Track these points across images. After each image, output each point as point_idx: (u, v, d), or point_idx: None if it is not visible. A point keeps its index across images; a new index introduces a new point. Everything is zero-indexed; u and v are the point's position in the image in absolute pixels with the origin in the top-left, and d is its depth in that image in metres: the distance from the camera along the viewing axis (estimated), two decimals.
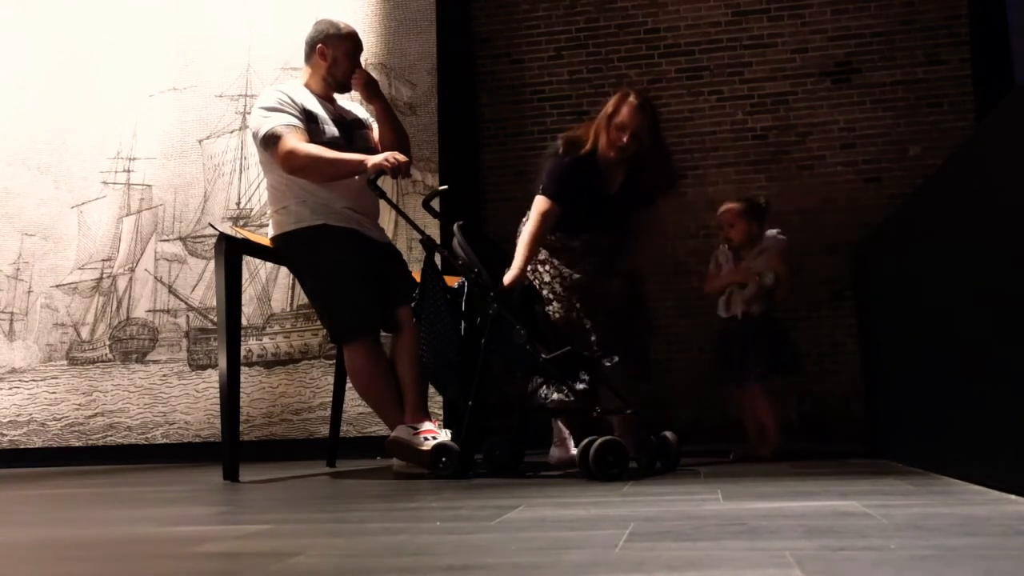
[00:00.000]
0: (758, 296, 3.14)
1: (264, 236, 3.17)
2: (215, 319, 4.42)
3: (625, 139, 2.96)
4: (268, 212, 3.13)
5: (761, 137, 4.80)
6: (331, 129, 3.01)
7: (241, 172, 4.85)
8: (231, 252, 2.96)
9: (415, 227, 2.93)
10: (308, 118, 2.97)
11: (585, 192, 3.05)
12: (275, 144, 2.88)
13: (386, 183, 3.01)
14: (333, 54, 3.08)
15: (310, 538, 1.46)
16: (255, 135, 2.97)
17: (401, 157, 2.85)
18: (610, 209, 3.15)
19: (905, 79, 4.69)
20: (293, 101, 2.97)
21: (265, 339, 4.64)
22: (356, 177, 2.94)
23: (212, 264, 4.53)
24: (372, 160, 2.85)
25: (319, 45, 3.08)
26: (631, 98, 2.99)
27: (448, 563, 1.13)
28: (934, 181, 2.25)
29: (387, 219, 3.72)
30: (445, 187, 3.17)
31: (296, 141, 2.87)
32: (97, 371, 4.83)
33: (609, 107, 3.01)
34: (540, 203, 3.04)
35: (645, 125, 2.98)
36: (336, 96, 3.18)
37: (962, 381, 1.96)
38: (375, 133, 3.19)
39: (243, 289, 3.36)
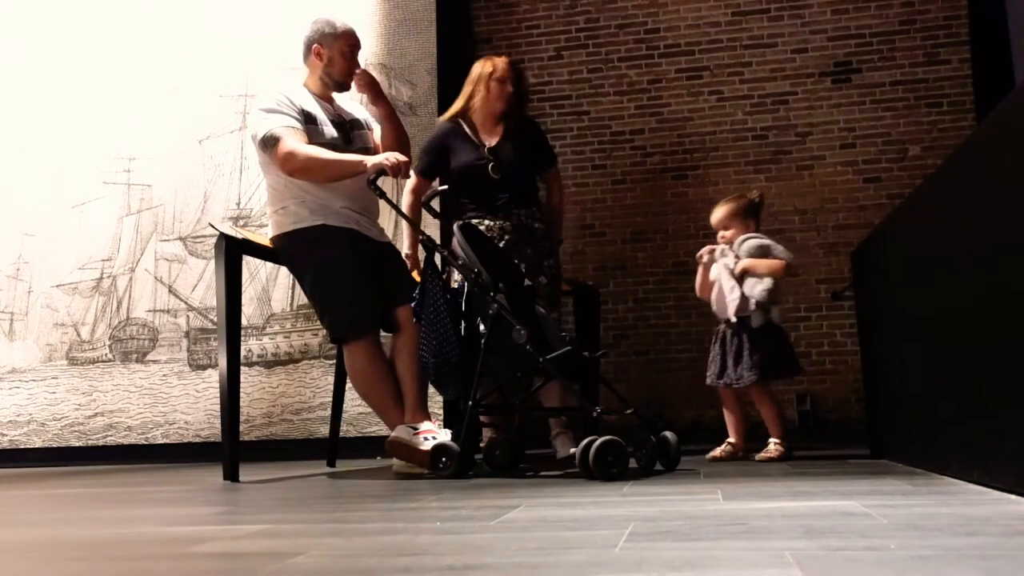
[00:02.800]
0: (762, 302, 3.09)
1: (264, 236, 3.17)
2: (215, 319, 4.42)
3: (509, 87, 3.29)
4: (268, 212, 3.13)
5: (761, 137, 4.80)
6: (330, 130, 3.02)
7: (241, 172, 4.85)
8: (231, 252, 2.96)
9: (415, 227, 2.93)
10: (307, 119, 2.97)
11: (461, 154, 3.27)
12: (274, 146, 2.88)
13: (386, 183, 3.01)
14: (329, 54, 3.08)
15: (310, 538, 1.46)
16: (254, 137, 2.97)
17: (401, 157, 2.85)
18: (497, 178, 3.27)
19: (905, 79, 4.69)
20: (292, 103, 2.97)
21: (265, 339, 4.64)
22: (355, 177, 2.94)
23: (212, 264, 4.53)
24: (371, 160, 2.85)
25: (315, 45, 3.08)
26: (498, 58, 3.39)
27: (448, 563, 1.13)
28: (934, 181, 2.25)
29: (387, 219, 3.72)
30: (445, 187, 3.17)
31: (295, 142, 2.87)
32: (97, 371, 4.83)
33: (486, 67, 3.33)
34: (409, 181, 3.35)
35: (518, 77, 3.36)
36: (335, 96, 3.18)
37: (962, 381, 1.96)
38: (375, 134, 3.19)
39: (243, 289, 3.36)
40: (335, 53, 3.08)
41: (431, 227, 3.63)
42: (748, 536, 1.26)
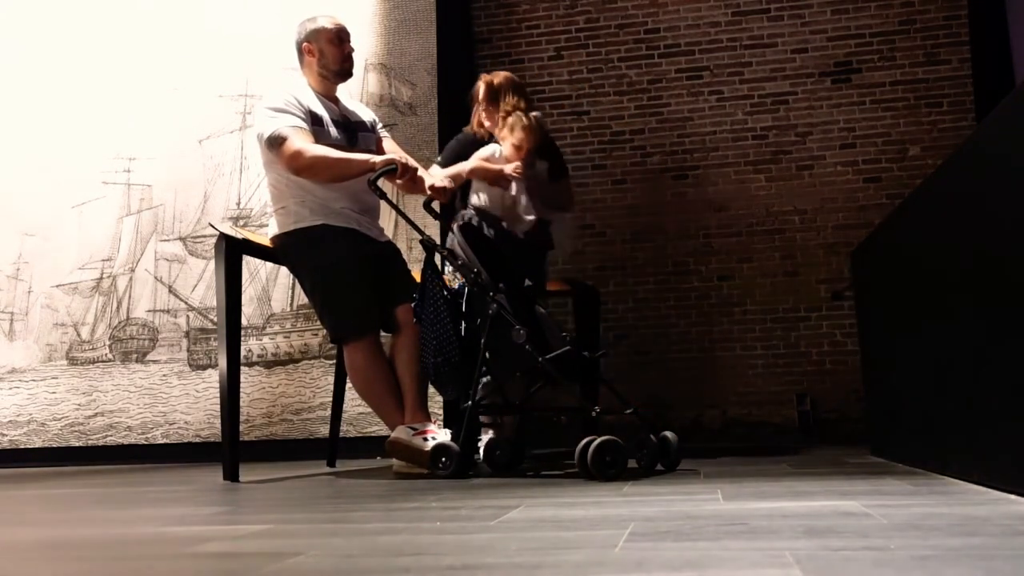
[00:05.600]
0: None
1: (264, 236, 3.17)
2: (215, 319, 4.42)
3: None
4: (269, 211, 3.14)
5: (761, 137, 4.80)
6: (335, 132, 3.03)
7: (241, 172, 4.85)
8: (231, 252, 2.96)
9: (415, 227, 2.93)
10: (313, 120, 2.98)
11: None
12: (280, 144, 2.89)
13: (387, 184, 3.02)
14: (318, 47, 3.11)
15: (310, 538, 1.46)
16: (260, 135, 2.97)
17: (410, 160, 2.92)
18: None
19: (905, 79, 4.69)
20: (299, 103, 2.98)
21: (265, 339, 4.64)
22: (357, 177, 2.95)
23: (212, 264, 4.52)
24: (379, 159, 2.88)
25: (304, 44, 3.13)
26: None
27: (448, 563, 1.13)
28: (934, 181, 2.25)
29: (387, 219, 3.72)
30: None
31: (302, 141, 2.89)
32: (97, 371, 4.83)
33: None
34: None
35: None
36: (342, 98, 3.20)
37: (962, 381, 1.96)
38: (383, 139, 3.24)
39: (243, 289, 3.37)
40: (323, 44, 3.11)
41: (431, 228, 3.63)
42: (748, 536, 1.26)
